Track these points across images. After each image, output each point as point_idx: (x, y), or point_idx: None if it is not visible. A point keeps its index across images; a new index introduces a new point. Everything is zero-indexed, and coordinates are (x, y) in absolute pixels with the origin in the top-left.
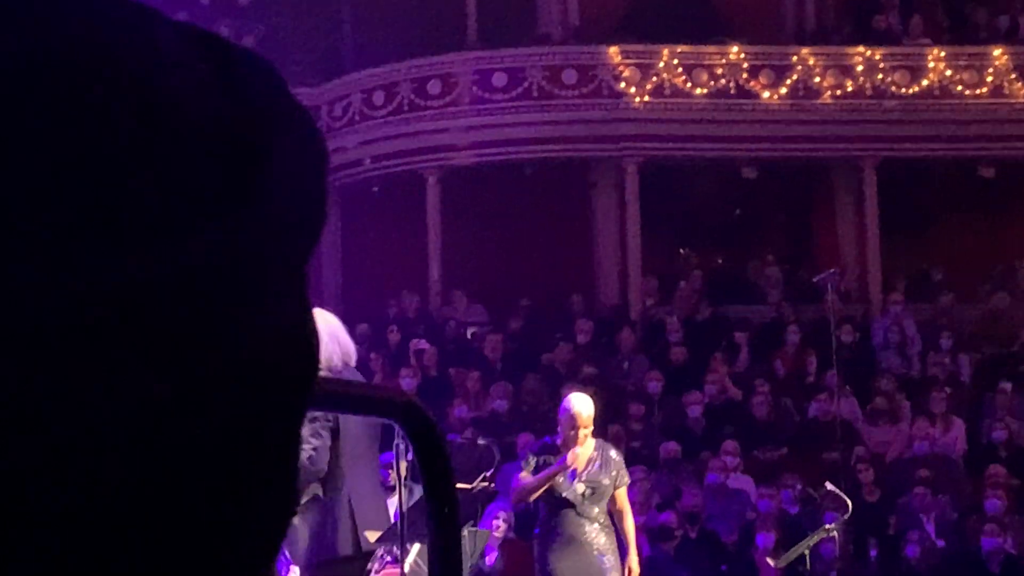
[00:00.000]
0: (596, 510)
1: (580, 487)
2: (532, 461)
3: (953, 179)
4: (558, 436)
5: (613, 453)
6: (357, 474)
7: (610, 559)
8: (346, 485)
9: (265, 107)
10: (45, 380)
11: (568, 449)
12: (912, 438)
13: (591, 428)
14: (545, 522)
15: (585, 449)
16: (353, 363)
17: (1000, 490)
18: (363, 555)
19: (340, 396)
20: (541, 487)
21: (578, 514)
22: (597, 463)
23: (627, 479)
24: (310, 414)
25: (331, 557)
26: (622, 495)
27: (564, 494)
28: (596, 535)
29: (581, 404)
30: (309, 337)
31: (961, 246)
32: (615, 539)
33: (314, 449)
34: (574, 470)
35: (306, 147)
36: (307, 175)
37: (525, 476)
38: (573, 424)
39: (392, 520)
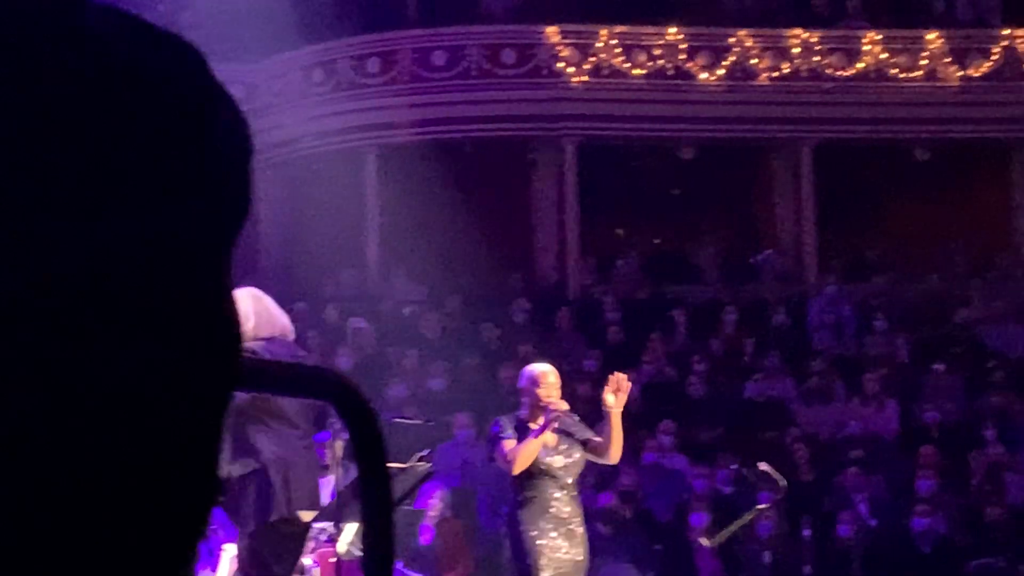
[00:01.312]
0: (571, 480)
1: (558, 459)
2: (510, 427)
3: (889, 162)
4: (521, 410)
5: (575, 419)
6: (292, 444)
7: (583, 530)
8: (283, 452)
9: (189, 92)
10: None
11: (535, 417)
12: (846, 418)
13: (559, 392)
14: (522, 496)
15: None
16: (291, 338)
17: (932, 471)
18: (295, 523)
19: (272, 376)
20: (538, 446)
21: (560, 487)
22: (567, 434)
23: (591, 433)
24: None
25: (271, 520)
26: (597, 442)
27: (543, 466)
28: (574, 507)
29: (545, 367)
30: (232, 323)
31: (897, 228)
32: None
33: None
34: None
35: (230, 132)
36: (232, 161)
37: (510, 442)
38: (541, 383)
39: (328, 499)
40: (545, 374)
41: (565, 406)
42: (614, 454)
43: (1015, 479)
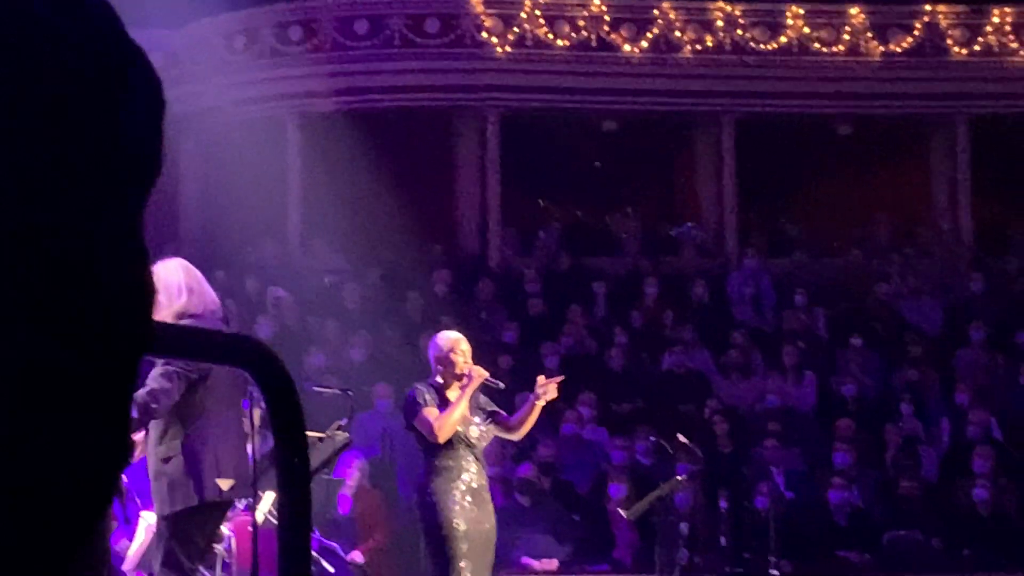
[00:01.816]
0: (481, 450)
1: (474, 429)
2: (428, 395)
3: (811, 136)
4: (432, 377)
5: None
6: (223, 425)
7: (490, 499)
8: (212, 434)
9: (102, 50)
10: None
11: (450, 385)
12: (764, 391)
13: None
14: (437, 465)
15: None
16: (220, 314)
17: (848, 444)
18: (224, 503)
19: (191, 343)
20: (461, 415)
21: (475, 457)
22: (478, 405)
23: (495, 407)
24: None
25: (193, 505)
26: (506, 418)
27: (460, 435)
28: (485, 477)
29: (457, 334)
30: (144, 283)
31: (818, 203)
32: None
33: (158, 390)
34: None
35: (143, 91)
36: (144, 119)
37: (432, 410)
38: (455, 349)
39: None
40: (459, 340)
41: (485, 373)
42: (520, 435)
43: (929, 453)
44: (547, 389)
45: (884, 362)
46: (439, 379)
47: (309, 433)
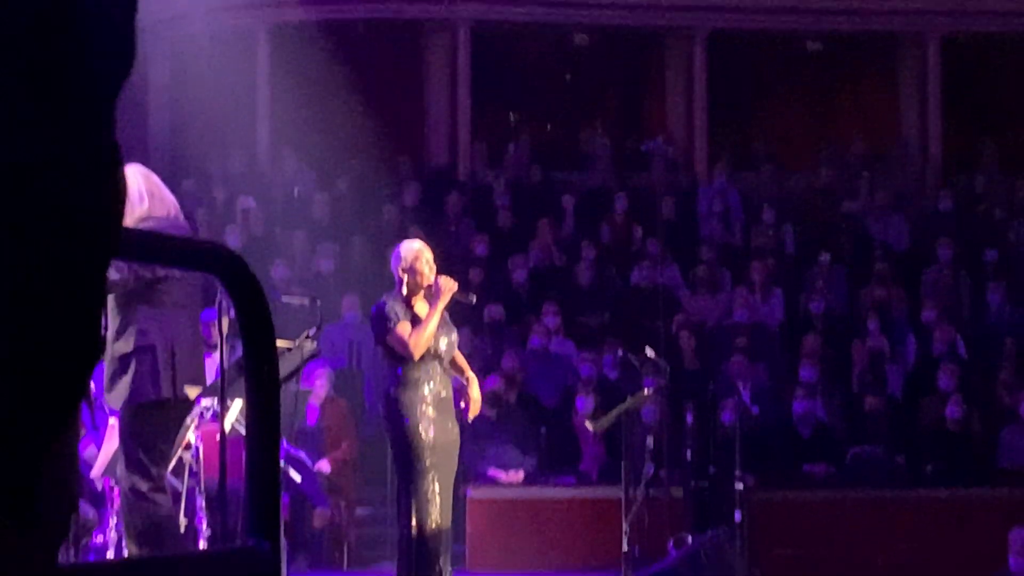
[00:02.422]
0: (447, 361)
1: (443, 341)
2: (400, 309)
3: (781, 52)
4: (397, 288)
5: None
6: (179, 325)
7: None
8: (168, 334)
9: None
10: None
11: (416, 296)
12: (731, 307)
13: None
14: (406, 378)
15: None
16: (182, 219)
17: (814, 360)
18: (180, 402)
19: (162, 248)
20: (435, 327)
21: (442, 369)
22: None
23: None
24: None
25: (149, 400)
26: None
27: (431, 347)
28: (450, 388)
29: (419, 244)
30: (117, 174)
31: (787, 120)
32: None
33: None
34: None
35: None
36: (116, 12)
37: (405, 325)
38: (420, 259)
39: (213, 376)
40: (423, 250)
41: (454, 284)
42: (446, 353)
43: (895, 370)
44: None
45: (851, 279)
46: (404, 290)
47: (278, 343)
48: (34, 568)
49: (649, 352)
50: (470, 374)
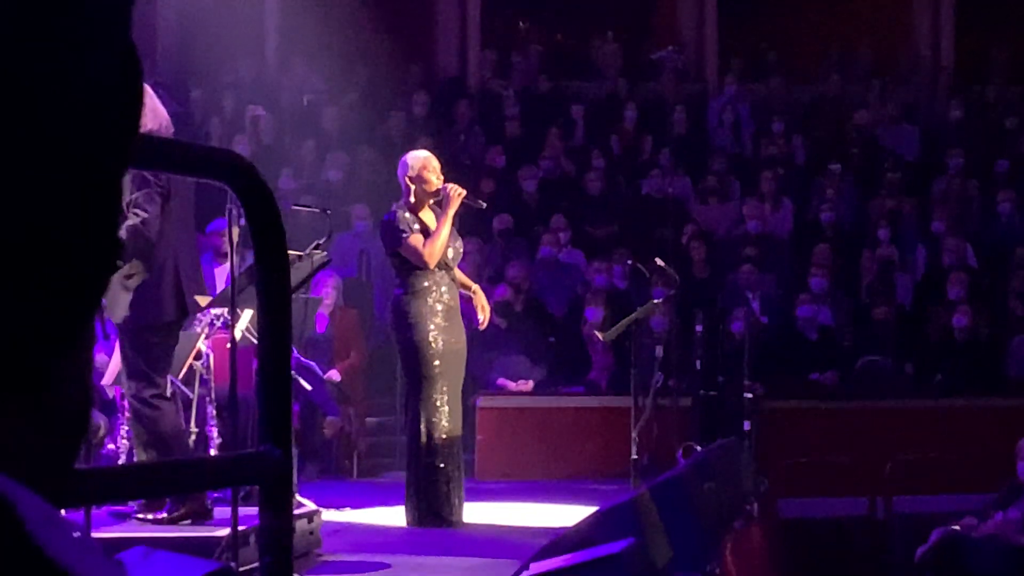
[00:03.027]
0: (455, 269)
1: (450, 250)
2: (410, 219)
3: None
4: (404, 197)
5: None
6: (182, 238)
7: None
8: (172, 252)
9: None
10: None
11: (424, 204)
12: (741, 217)
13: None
14: (416, 287)
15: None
16: (171, 129)
17: (824, 269)
18: (185, 318)
19: (176, 156)
20: (447, 233)
21: (450, 277)
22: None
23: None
24: (141, 178)
25: (155, 322)
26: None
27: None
28: (458, 297)
29: (425, 152)
30: (137, 76)
31: (798, 28)
32: None
33: (148, 217)
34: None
35: None
36: None
37: (418, 236)
38: (427, 167)
39: (223, 285)
40: (429, 158)
41: (462, 190)
42: (454, 260)
43: (904, 279)
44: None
45: (861, 189)
46: (412, 199)
47: (288, 252)
48: (51, 466)
49: (659, 262)
50: (474, 286)
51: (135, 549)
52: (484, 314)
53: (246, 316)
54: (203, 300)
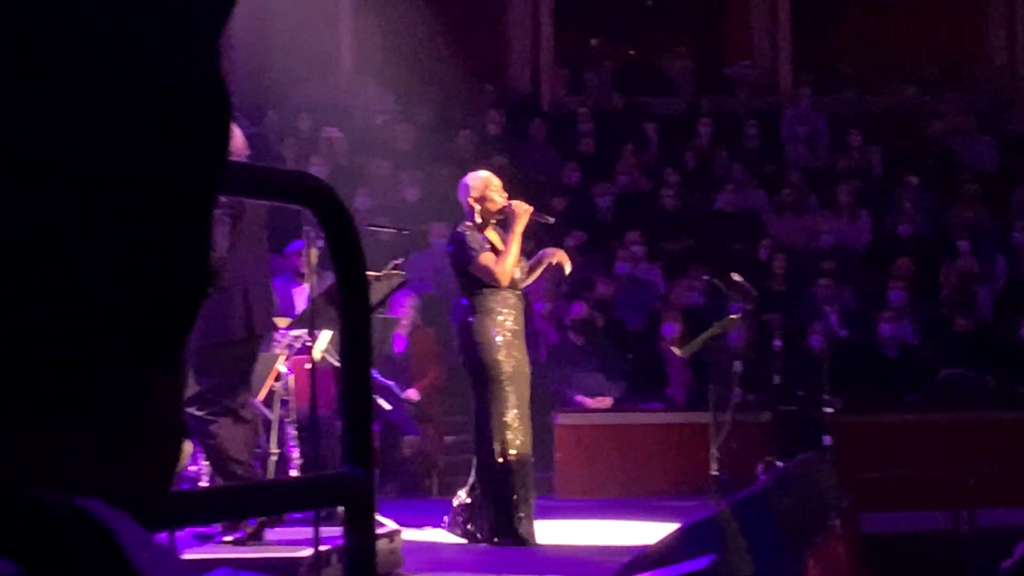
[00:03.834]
0: (522, 289)
1: (517, 270)
2: (480, 238)
3: None
4: (467, 218)
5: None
6: (252, 258)
7: None
8: (243, 273)
9: None
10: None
11: (488, 224)
12: (818, 230)
13: None
14: (484, 306)
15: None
16: (247, 152)
17: (903, 282)
18: (255, 338)
19: (254, 180)
20: (517, 251)
21: (517, 297)
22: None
23: None
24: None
25: (222, 340)
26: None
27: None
28: (523, 318)
29: (485, 173)
30: (223, 101)
31: (871, 39)
32: None
33: (216, 235)
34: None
35: None
36: None
37: (489, 255)
38: (490, 186)
39: (302, 307)
40: (490, 178)
41: (529, 207)
42: (521, 282)
43: (984, 291)
44: (560, 258)
45: (939, 200)
46: (478, 219)
47: (366, 271)
48: (147, 490)
49: (735, 277)
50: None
51: (220, 570)
52: (566, 260)
53: (324, 337)
54: (282, 321)
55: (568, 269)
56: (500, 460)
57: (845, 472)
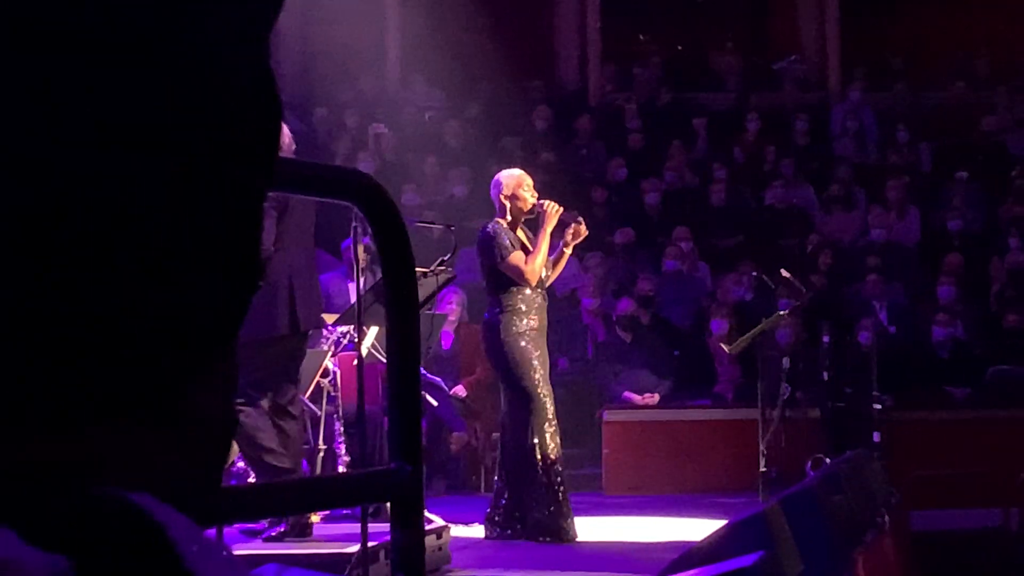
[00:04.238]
0: (547, 287)
1: (543, 269)
2: (511, 237)
3: None
4: (499, 214)
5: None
6: (299, 253)
7: None
8: (288, 268)
9: None
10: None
11: (519, 221)
12: (867, 226)
13: None
14: (512, 305)
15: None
16: (293, 148)
17: (953, 278)
18: (301, 334)
19: (301, 176)
20: (546, 251)
21: (543, 296)
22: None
23: None
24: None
25: (266, 336)
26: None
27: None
28: (546, 317)
29: (519, 171)
30: (273, 98)
31: (921, 34)
32: None
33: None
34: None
35: None
36: None
37: (519, 254)
38: (522, 184)
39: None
40: (523, 176)
41: (559, 207)
42: (549, 279)
43: None
44: (577, 233)
45: (989, 196)
46: (508, 217)
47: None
48: (198, 484)
49: (784, 273)
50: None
51: (269, 566)
52: (580, 225)
53: (372, 333)
54: (330, 317)
55: (584, 233)
56: (541, 457)
57: (894, 469)
